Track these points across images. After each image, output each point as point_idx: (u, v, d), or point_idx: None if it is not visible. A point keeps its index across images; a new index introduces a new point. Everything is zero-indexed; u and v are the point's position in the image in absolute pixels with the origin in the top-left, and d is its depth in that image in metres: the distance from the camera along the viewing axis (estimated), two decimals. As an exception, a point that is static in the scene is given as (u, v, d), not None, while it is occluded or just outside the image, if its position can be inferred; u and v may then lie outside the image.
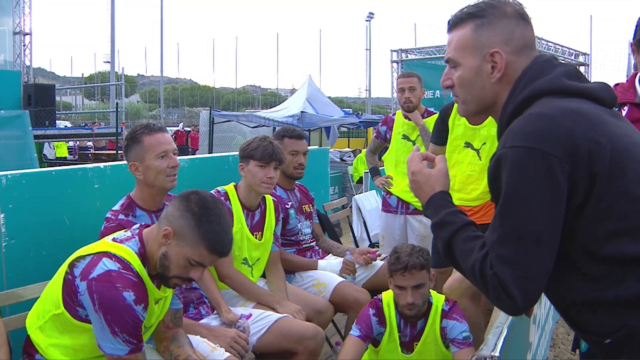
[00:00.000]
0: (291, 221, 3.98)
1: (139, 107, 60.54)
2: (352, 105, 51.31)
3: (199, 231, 2.16)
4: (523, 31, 1.65)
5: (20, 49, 17.26)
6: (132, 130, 2.94)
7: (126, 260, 2.17)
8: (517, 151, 1.46)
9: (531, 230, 1.44)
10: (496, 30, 1.64)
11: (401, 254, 2.96)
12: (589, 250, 1.49)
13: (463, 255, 1.59)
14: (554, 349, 4.62)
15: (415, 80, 4.65)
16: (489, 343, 1.93)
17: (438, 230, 1.69)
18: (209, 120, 16.62)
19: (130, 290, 2.11)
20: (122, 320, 2.09)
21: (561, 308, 1.66)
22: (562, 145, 1.44)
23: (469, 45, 1.68)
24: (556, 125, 1.47)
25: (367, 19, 44.05)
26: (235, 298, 3.37)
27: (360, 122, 18.18)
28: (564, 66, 1.65)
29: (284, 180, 4.00)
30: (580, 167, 1.44)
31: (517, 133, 1.49)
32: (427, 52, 17.20)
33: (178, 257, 2.18)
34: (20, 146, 11.77)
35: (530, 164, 1.44)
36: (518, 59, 1.64)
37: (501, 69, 1.64)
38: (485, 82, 1.67)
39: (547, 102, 1.55)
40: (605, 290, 1.48)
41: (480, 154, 3.93)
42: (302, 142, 4.00)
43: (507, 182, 1.47)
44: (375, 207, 6.37)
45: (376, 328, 3.08)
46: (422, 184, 1.78)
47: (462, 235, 1.61)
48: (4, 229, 2.78)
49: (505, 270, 1.45)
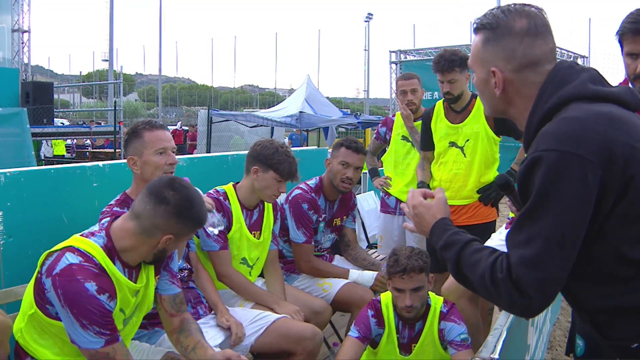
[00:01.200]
0: (317, 234, 3.94)
1: (137, 105, 60.51)
2: (350, 106, 51.31)
3: (189, 221, 2.26)
4: (528, 49, 1.65)
5: (19, 46, 17.24)
6: (133, 125, 2.96)
7: (89, 254, 2.18)
8: (551, 154, 1.47)
9: (557, 233, 1.45)
10: (499, 47, 1.67)
11: (400, 256, 2.96)
12: (619, 251, 1.50)
13: (471, 269, 1.61)
14: (551, 352, 4.62)
15: (416, 82, 4.65)
16: (488, 345, 1.93)
17: (445, 252, 1.72)
18: (207, 119, 16.61)
19: (91, 280, 2.11)
20: (88, 311, 2.09)
21: (588, 313, 1.65)
22: (596, 149, 1.44)
23: (478, 58, 1.74)
24: (590, 128, 1.47)
25: (366, 19, 44.04)
26: (233, 298, 3.36)
27: (359, 123, 18.17)
28: (587, 71, 1.66)
29: (329, 189, 3.92)
30: (613, 171, 1.45)
31: (551, 136, 1.50)
32: (426, 53, 17.22)
33: (173, 247, 2.33)
34: (18, 144, 11.75)
35: (563, 168, 1.45)
36: (520, 76, 1.66)
37: (499, 87, 1.68)
38: (492, 92, 1.72)
39: (577, 107, 1.55)
40: (633, 293, 1.50)
41: (465, 151, 3.96)
42: (356, 156, 3.81)
43: (540, 183, 1.48)
44: (374, 207, 6.36)
45: (375, 329, 3.08)
46: (423, 214, 1.85)
47: (467, 251, 1.65)
48: (2, 227, 2.78)
49: (526, 272, 1.46)
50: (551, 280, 1.47)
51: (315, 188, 3.89)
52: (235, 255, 3.36)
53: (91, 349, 2.12)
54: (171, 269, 2.56)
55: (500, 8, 1.70)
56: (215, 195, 3.35)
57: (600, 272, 1.54)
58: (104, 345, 2.12)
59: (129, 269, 2.28)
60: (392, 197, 4.89)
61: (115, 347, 2.15)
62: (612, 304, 1.54)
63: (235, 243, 3.36)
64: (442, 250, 1.74)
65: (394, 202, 4.87)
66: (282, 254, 3.88)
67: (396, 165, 4.88)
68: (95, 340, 2.11)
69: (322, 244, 4.03)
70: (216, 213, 2.87)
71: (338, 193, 3.95)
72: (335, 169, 3.82)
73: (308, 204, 3.77)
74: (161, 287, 2.53)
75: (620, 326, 1.55)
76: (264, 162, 3.32)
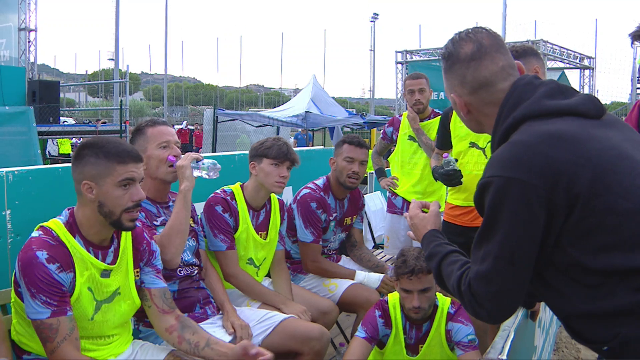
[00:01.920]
0: (328, 233, 3.95)
1: (143, 104, 60.60)
2: (355, 106, 51.32)
3: (104, 158, 2.25)
4: (475, 72, 1.76)
5: (25, 45, 17.25)
6: (138, 124, 3.02)
7: (49, 228, 2.26)
8: (496, 180, 1.57)
9: (506, 252, 1.56)
10: (453, 75, 1.82)
11: (408, 257, 2.95)
12: (580, 263, 1.55)
13: (447, 278, 1.79)
14: (557, 353, 4.61)
15: (424, 82, 4.65)
16: (496, 346, 1.92)
17: (429, 261, 1.92)
18: (213, 119, 16.62)
19: (43, 250, 2.16)
20: (36, 278, 2.12)
21: (561, 318, 1.72)
22: (538, 172, 1.51)
23: (445, 87, 1.89)
24: (532, 152, 1.54)
25: (372, 19, 43.98)
26: (240, 298, 3.36)
27: (365, 123, 18.17)
28: (545, 85, 1.71)
29: (337, 188, 3.93)
30: (558, 191, 1.51)
31: (497, 162, 1.60)
32: (432, 53, 17.20)
33: (109, 194, 2.25)
34: (25, 142, 11.79)
35: (507, 192, 1.54)
36: (477, 98, 1.78)
37: (462, 109, 1.83)
38: (462, 116, 1.87)
39: (527, 128, 1.64)
40: (599, 300, 1.54)
41: (487, 153, 3.91)
42: (360, 150, 3.85)
43: (487, 207, 1.59)
44: (380, 208, 6.36)
45: (382, 330, 3.08)
46: (418, 225, 2.07)
47: (446, 262, 1.83)
48: (10, 225, 2.78)
49: (480, 285, 1.60)
50: (503, 293, 1.60)
51: (324, 187, 3.89)
52: (242, 256, 3.36)
53: (37, 319, 2.14)
54: (155, 265, 2.57)
55: (453, 37, 1.83)
56: (222, 195, 3.35)
57: (568, 282, 1.60)
58: (49, 316, 2.13)
59: (94, 248, 2.31)
60: (398, 197, 4.89)
61: (61, 320, 2.15)
62: (581, 310, 1.58)
63: (242, 243, 3.35)
64: (427, 260, 1.95)
65: (401, 202, 4.87)
66: (289, 254, 3.87)
67: (403, 165, 4.88)
68: (43, 310, 2.13)
69: (331, 243, 4.02)
70: (203, 159, 2.93)
71: (346, 191, 3.95)
72: (340, 165, 3.83)
73: (317, 202, 3.77)
74: (147, 281, 2.54)
75: (592, 330, 1.59)
76: (256, 155, 3.41)
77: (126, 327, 2.54)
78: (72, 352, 2.15)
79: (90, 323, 2.30)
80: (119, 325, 2.44)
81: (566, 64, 18.53)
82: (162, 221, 2.90)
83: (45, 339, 2.15)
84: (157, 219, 2.91)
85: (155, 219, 2.90)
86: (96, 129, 16.83)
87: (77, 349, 2.19)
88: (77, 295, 2.23)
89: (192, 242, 3.09)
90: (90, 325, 2.31)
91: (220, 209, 3.29)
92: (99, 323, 2.33)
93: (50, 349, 2.14)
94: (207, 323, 2.95)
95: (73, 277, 2.22)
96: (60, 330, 2.14)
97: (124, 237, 2.46)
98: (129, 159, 2.28)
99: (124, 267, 2.42)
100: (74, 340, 2.18)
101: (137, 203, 2.29)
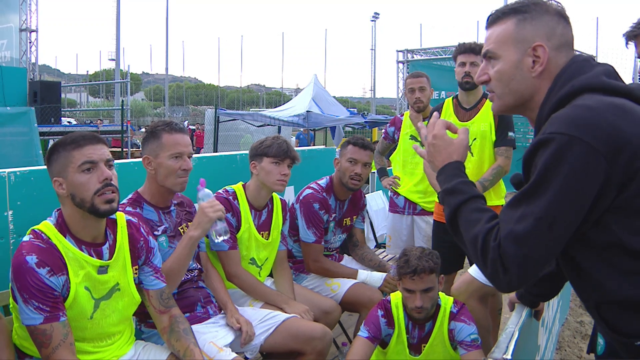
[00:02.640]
0: (328, 234, 3.95)
1: (144, 105, 60.67)
2: (356, 105, 51.35)
3: (62, 150, 2.25)
4: (564, 29, 1.67)
5: (26, 46, 17.24)
6: (154, 124, 2.96)
7: (39, 231, 2.24)
8: (559, 137, 1.46)
9: (549, 215, 1.45)
10: (539, 25, 1.66)
11: (410, 257, 2.95)
12: (624, 244, 1.49)
13: (468, 225, 1.62)
14: (560, 352, 4.60)
15: (425, 80, 4.65)
16: (500, 345, 1.92)
17: (448, 196, 1.71)
18: (214, 118, 16.62)
19: (33, 254, 2.14)
20: (27, 283, 2.11)
21: (592, 305, 1.65)
22: (604, 138, 1.43)
23: (511, 38, 1.68)
24: (601, 117, 1.46)
25: (373, 19, 43.96)
26: (243, 297, 3.36)
27: (366, 122, 18.16)
28: (602, 65, 1.66)
29: (339, 188, 3.93)
30: (620, 162, 1.43)
31: (561, 120, 1.49)
32: (432, 52, 17.17)
33: (74, 182, 2.23)
34: (26, 143, 11.77)
35: (568, 152, 1.44)
36: (558, 55, 1.66)
37: (543, 63, 1.65)
38: (525, 75, 1.68)
39: (589, 97, 1.55)
40: (637, 287, 1.49)
41: (472, 150, 3.93)
42: (363, 152, 3.82)
43: (542, 164, 1.48)
44: (382, 207, 6.36)
45: (384, 329, 3.07)
46: (441, 149, 1.81)
47: (471, 206, 1.65)
48: (12, 225, 2.78)
49: (512, 246, 1.47)
50: (534, 259, 1.47)
51: (326, 187, 3.89)
52: (244, 256, 3.36)
53: (31, 325, 2.13)
54: (153, 263, 2.56)
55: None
56: (224, 195, 3.34)
57: (604, 264, 1.54)
58: (42, 322, 2.12)
59: (87, 246, 2.29)
60: (400, 196, 4.88)
61: (54, 326, 2.14)
62: (618, 297, 1.53)
63: (244, 243, 3.35)
64: (445, 194, 1.73)
65: (403, 201, 4.86)
66: (292, 254, 3.87)
67: (405, 164, 4.87)
68: (35, 316, 2.12)
69: (332, 243, 4.02)
70: (224, 222, 2.85)
71: (348, 192, 3.94)
72: (344, 166, 3.83)
73: (319, 203, 3.77)
74: (146, 282, 2.53)
75: (627, 321, 1.54)
76: (256, 154, 3.41)
77: (128, 326, 2.53)
78: (68, 357, 2.14)
79: (90, 322, 2.29)
80: (119, 323, 2.42)
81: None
82: (164, 229, 2.89)
83: (40, 344, 2.14)
84: (159, 227, 2.88)
85: (157, 228, 2.87)
86: (97, 129, 16.83)
87: (73, 353, 2.18)
88: (73, 296, 2.21)
89: None
90: (91, 325, 2.30)
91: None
92: (99, 321, 2.31)
93: (46, 355, 2.14)
94: (210, 322, 2.95)
95: (66, 279, 2.20)
96: (55, 336, 2.13)
97: (120, 234, 2.44)
98: (84, 142, 2.24)
99: (121, 263, 2.41)
100: (69, 345, 2.17)
101: (106, 183, 2.24)
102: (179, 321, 2.56)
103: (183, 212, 3.06)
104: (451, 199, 1.69)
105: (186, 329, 2.56)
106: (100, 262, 2.31)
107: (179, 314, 2.60)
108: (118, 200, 2.30)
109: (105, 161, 2.27)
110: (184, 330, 2.54)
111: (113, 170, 2.30)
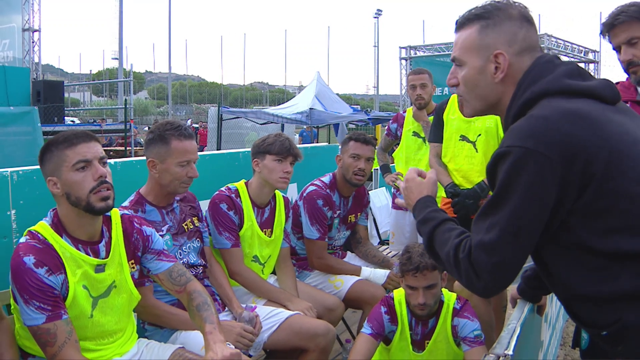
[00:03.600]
0: (332, 231, 3.95)
1: (147, 103, 60.70)
2: (359, 102, 51.25)
3: (55, 149, 2.25)
4: (527, 33, 1.71)
5: (29, 45, 17.30)
6: (161, 127, 2.92)
7: (35, 231, 2.24)
8: (516, 150, 1.53)
9: (513, 224, 1.54)
10: (501, 31, 1.70)
11: (413, 254, 2.94)
12: (586, 244, 1.55)
13: (441, 245, 1.74)
14: (564, 348, 4.59)
15: (427, 77, 4.64)
16: (502, 341, 1.91)
17: (422, 226, 1.86)
18: (218, 117, 16.62)
19: (30, 254, 2.14)
20: (27, 284, 2.11)
21: (563, 300, 1.73)
22: (557, 148, 1.50)
23: (474, 46, 1.74)
24: (554, 127, 1.52)
25: (375, 15, 43.98)
26: (246, 295, 3.36)
27: (369, 119, 18.13)
28: (565, 65, 1.70)
29: (343, 185, 3.93)
30: (574, 169, 1.50)
31: (517, 133, 1.56)
32: (435, 49, 17.17)
33: (69, 181, 2.23)
34: (30, 142, 11.79)
35: (524, 164, 1.51)
36: (521, 59, 1.70)
37: (504, 70, 1.70)
38: (489, 81, 1.73)
39: (547, 103, 1.60)
40: (602, 284, 1.55)
41: (477, 146, 3.90)
42: (365, 147, 3.82)
43: (502, 177, 1.56)
44: (385, 204, 6.36)
45: (388, 326, 3.07)
46: (413, 189, 2.00)
47: (441, 228, 1.77)
48: (15, 225, 2.78)
49: (482, 255, 1.56)
50: (504, 265, 1.57)
51: (330, 184, 3.89)
52: (247, 253, 3.36)
53: (34, 325, 2.13)
54: (154, 249, 2.54)
55: (491, 1, 1.75)
56: (227, 193, 3.35)
57: (571, 263, 1.60)
58: (45, 321, 2.12)
59: (83, 245, 2.29)
60: (403, 193, 4.87)
61: (57, 324, 2.14)
62: (583, 293, 1.60)
63: (247, 241, 3.35)
64: (419, 224, 1.87)
65: (406, 198, 4.85)
66: (295, 251, 3.87)
67: (407, 161, 4.86)
68: (37, 316, 2.12)
69: (336, 240, 4.02)
70: (250, 313, 2.97)
71: (352, 188, 3.94)
72: (346, 162, 3.83)
73: (323, 200, 3.77)
74: (153, 268, 2.53)
75: (592, 314, 1.61)
76: (258, 152, 3.40)
77: (129, 323, 2.52)
78: (74, 354, 2.14)
79: (90, 321, 2.29)
80: (119, 320, 2.42)
81: (571, 58, 18.47)
82: (167, 228, 2.90)
83: (44, 344, 2.13)
84: (162, 227, 2.89)
85: (160, 228, 2.87)
86: (101, 128, 16.86)
87: (78, 351, 2.18)
88: (72, 296, 2.21)
89: (196, 243, 3.09)
90: (91, 323, 2.30)
91: (225, 207, 3.29)
92: (99, 319, 2.31)
93: (52, 354, 2.13)
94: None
95: (65, 279, 2.20)
96: (59, 335, 2.13)
97: (115, 230, 2.44)
98: (77, 141, 2.24)
99: (117, 260, 2.40)
100: (74, 343, 2.17)
101: (101, 180, 2.24)
102: (193, 297, 2.49)
103: (187, 208, 3.07)
104: (424, 227, 1.83)
105: (199, 305, 2.45)
106: (97, 261, 2.31)
107: (193, 289, 2.52)
108: (113, 197, 2.30)
109: (99, 159, 2.27)
110: (197, 306, 2.46)
111: (107, 168, 2.30)
